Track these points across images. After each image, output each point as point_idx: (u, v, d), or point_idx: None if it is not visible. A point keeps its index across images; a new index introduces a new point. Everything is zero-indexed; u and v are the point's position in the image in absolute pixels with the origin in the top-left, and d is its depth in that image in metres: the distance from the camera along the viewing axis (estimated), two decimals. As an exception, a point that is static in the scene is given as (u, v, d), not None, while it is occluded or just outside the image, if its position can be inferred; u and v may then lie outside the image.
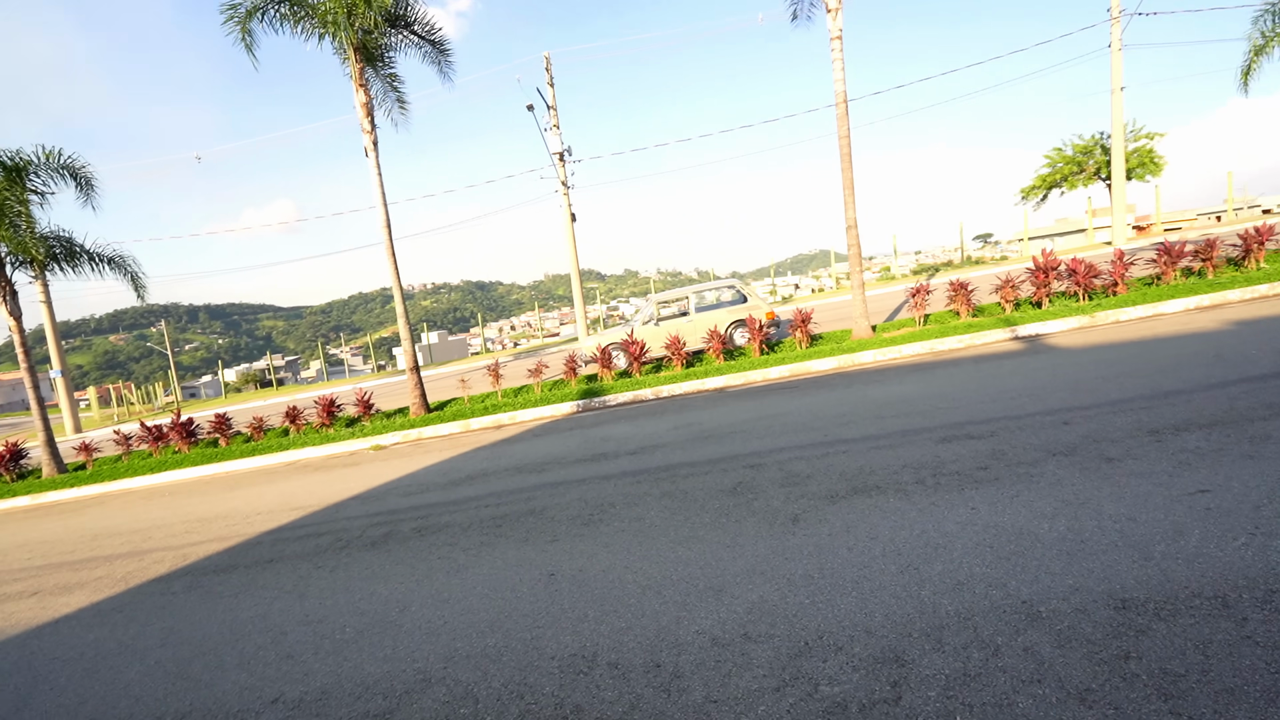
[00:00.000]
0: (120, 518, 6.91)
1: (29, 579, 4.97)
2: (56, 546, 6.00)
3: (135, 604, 3.93)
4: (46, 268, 10.47)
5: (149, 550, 5.18)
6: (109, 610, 3.90)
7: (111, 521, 6.78)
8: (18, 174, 9.84)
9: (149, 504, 7.48)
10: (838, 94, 9.21)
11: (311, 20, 9.55)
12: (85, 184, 10.63)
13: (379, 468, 7.07)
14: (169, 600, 3.88)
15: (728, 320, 10.72)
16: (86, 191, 10.71)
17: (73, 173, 10.48)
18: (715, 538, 3.28)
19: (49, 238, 10.27)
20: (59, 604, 4.19)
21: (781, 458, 4.50)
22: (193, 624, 3.42)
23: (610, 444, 6.09)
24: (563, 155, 20.66)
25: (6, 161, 9.79)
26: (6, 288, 10.30)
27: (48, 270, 10.63)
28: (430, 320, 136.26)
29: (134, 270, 11.21)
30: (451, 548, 3.87)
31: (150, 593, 4.09)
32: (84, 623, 3.77)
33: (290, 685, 2.57)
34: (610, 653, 2.38)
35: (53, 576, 4.91)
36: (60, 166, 10.31)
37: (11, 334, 10.65)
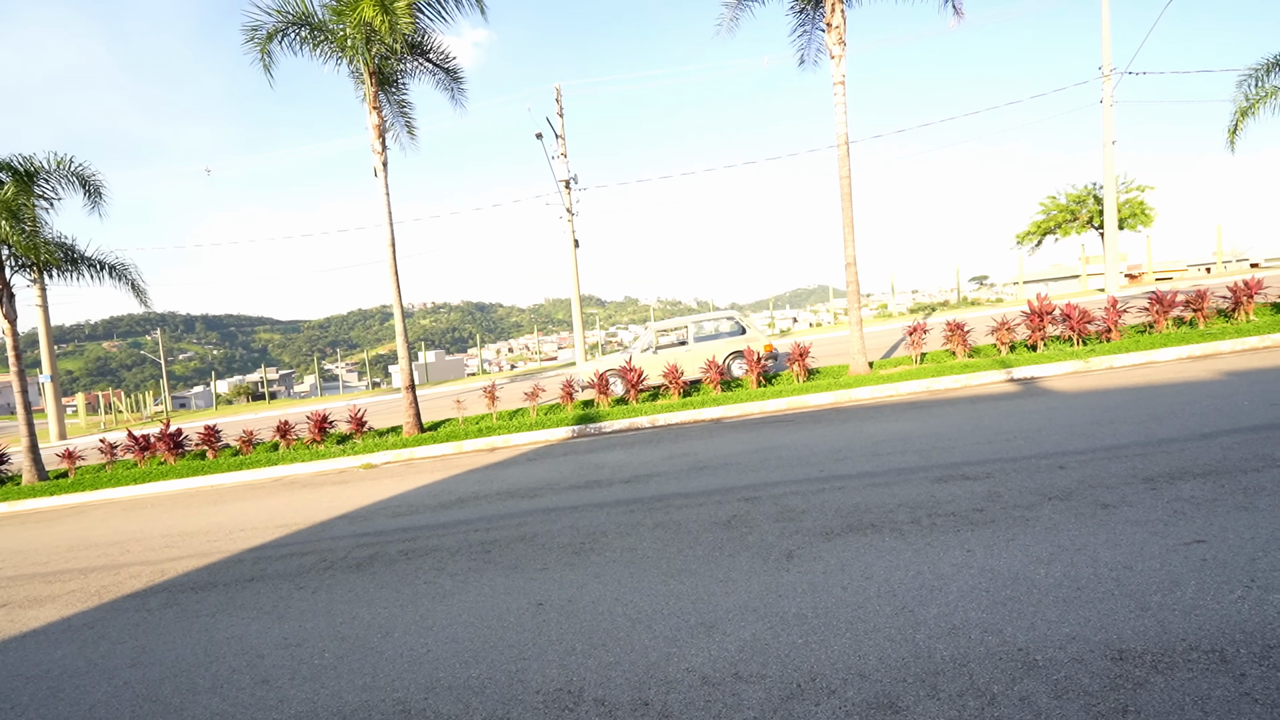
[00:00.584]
0: (99, 529, 6.75)
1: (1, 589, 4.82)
2: (30, 557, 5.85)
3: (108, 620, 3.81)
4: (46, 272, 10.48)
5: (126, 564, 5.05)
6: (80, 626, 3.78)
7: (90, 532, 6.62)
8: (28, 179, 9.95)
9: (130, 516, 7.32)
10: (839, 136, 9.48)
11: (330, 44, 9.84)
12: (94, 191, 10.75)
13: (369, 487, 6.97)
14: (144, 618, 3.76)
15: (726, 351, 10.77)
16: (95, 199, 10.83)
17: (83, 180, 10.61)
18: (708, 571, 3.23)
19: (51, 243, 10.32)
20: (27, 617, 4.06)
21: (776, 492, 4.47)
22: (166, 644, 3.32)
23: (605, 471, 6.03)
24: (568, 183, 21.06)
25: (18, 167, 9.90)
26: (5, 290, 10.29)
27: (47, 274, 10.66)
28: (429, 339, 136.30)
29: (135, 278, 11.24)
30: (438, 573, 3.79)
31: (124, 609, 3.98)
32: (52, 638, 3.65)
33: (263, 712, 2.48)
34: (597, 688, 2.31)
35: (23, 588, 4.77)
36: (70, 174, 10.44)
37: (4, 336, 10.60)
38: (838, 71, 9.36)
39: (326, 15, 9.69)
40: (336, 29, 9.70)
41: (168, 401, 33.81)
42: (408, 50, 10.25)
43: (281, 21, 9.56)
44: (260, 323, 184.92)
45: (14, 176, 9.88)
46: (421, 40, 10.38)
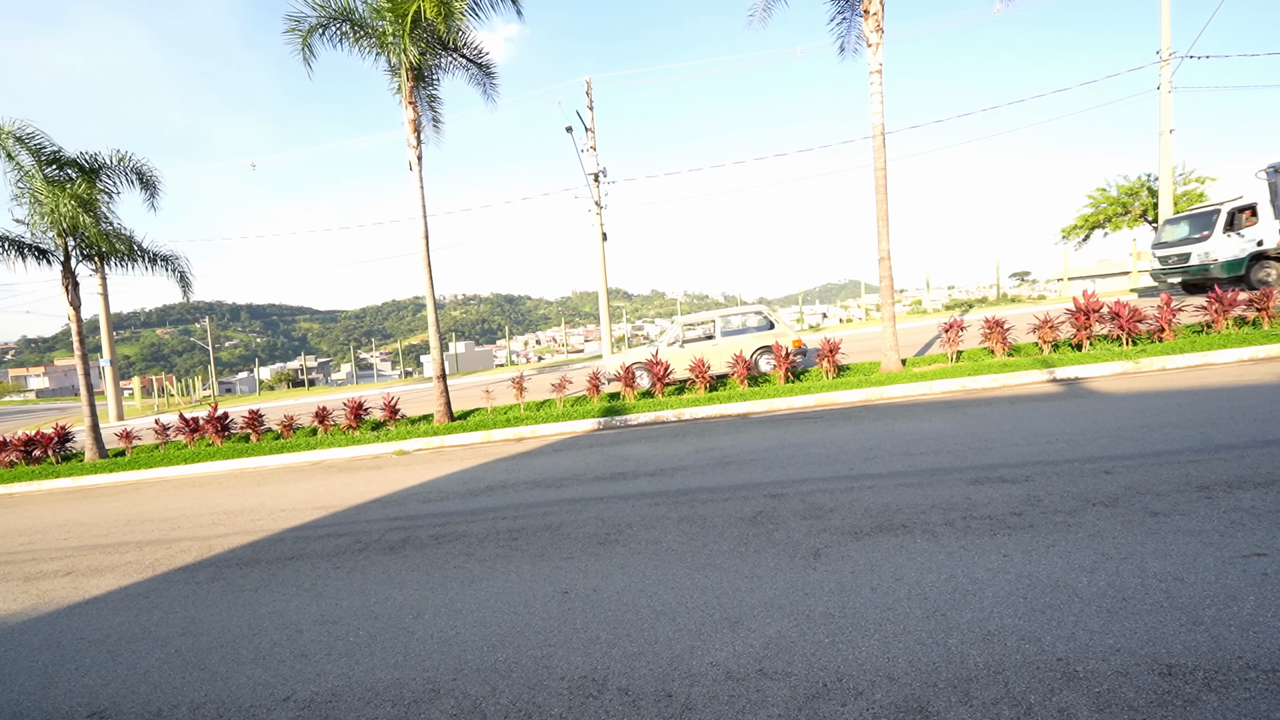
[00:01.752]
0: (153, 505, 7.13)
1: (64, 559, 5.14)
2: (91, 529, 6.22)
3: (160, 591, 4.03)
4: (106, 262, 11.06)
5: (177, 539, 5.33)
6: (136, 595, 4.01)
7: (144, 508, 7.00)
8: (93, 175, 10.50)
9: (181, 493, 7.71)
10: (875, 127, 9.22)
11: (370, 40, 10.05)
12: (151, 186, 11.27)
13: (401, 472, 7.17)
14: (193, 590, 3.96)
15: (753, 346, 10.65)
16: (151, 193, 11.36)
17: (140, 175, 11.13)
18: (733, 567, 3.22)
19: (112, 234, 10.88)
20: (90, 585, 4.32)
21: (804, 489, 4.41)
22: (213, 615, 3.49)
23: (630, 464, 6.06)
24: (597, 176, 21.09)
25: (84, 164, 10.46)
26: (70, 279, 10.90)
27: (107, 264, 11.25)
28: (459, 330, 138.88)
29: (183, 269, 11.77)
30: (467, 558, 3.87)
31: (175, 581, 4.20)
32: (112, 606, 3.87)
33: (302, 685, 2.59)
34: (621, 678, 2.33)
35: (86, 558, 5.08)
36: (130, 169, 10.97)
37: (70, 322, 11.25)
38: (874, 60, 9.09)
39: (367, 12, 9.89)
40: (377, 25, 9.90)
41: (215, 386, 35.43)
42: (443, 46, 10.39)
43: (323, 16, 9.80)
44: (300, 312, 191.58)
45: (82, 173, 10.44)
46: (457, 36, 10.50)
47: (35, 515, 7.49)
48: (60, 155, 10.41)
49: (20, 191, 10.27)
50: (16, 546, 5.83)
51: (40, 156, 10.24)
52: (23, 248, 10.54)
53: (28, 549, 5.67)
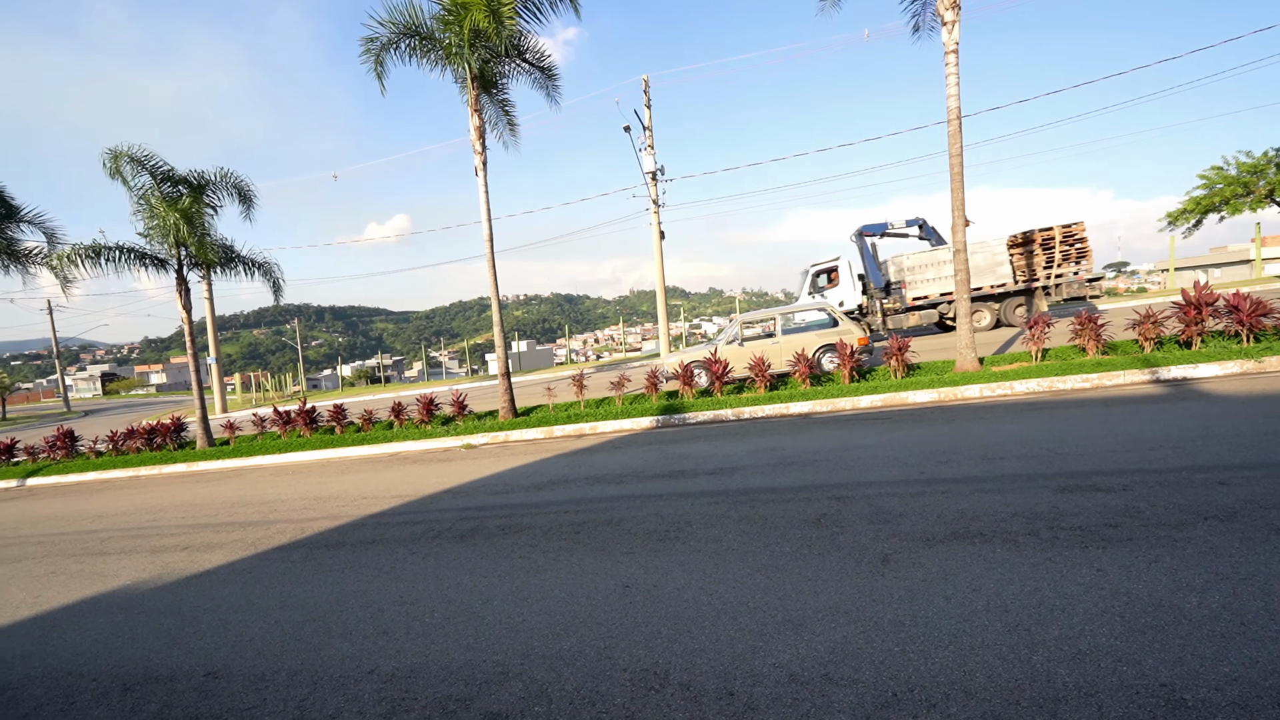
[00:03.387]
0: (253, 490, 7.84)
1: (182, 535, 5.76)
2: (204, 509, 6.92)
3: (261, 568, 4.43)
4: (212, 270, 12.25)
5: (274, 521, 5.84)
6: (241, 570, 4.43)
7: (246, 492, 7.71)
8: (200, 191, 11.66)
9: (276, 480, 8.43)
10: (950, 110, 8.71)
11: (437, 52, 10.55)
12: (247, 199, 12.38)
13: (469, 465, 7.51)
14: (288, 568, 4.34)
15: (816, 344, 10.35)
16: (248, 206, 12.47)
17: (239, 190, 12.25)
18: (796, 569, 3.15)
19: (216, 244, 12.03)
20: (203, 560, 4.82)
21: (870, 492, 4.25)
22: (306, 591, 3.80)
23: (689, 462, 6.05)
24: (655, 175, 21.13)
25: (193, 181, 11.63)
26: (183, 285, 12.16)
27: (212, 272, 12.46)
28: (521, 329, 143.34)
29: (275, 275, 12.85)
30: (532, 549, 4.01)
31: (273, 559, 4.60)
32: (221, 578, 4.31)
33: (384, 660, 2.78)
34: (682, 673, 2.35)
35: (199, 535, 5.67)
36: (230, 185, 12.09)
37: (182, 324, 12.55)
38: (949, 39, 8.58)
39: (434, 25, 10.40)
40: (442, 37, 10.39)
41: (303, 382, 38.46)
42: (506, 53, 10.75)
43: (393, 33, 10.38)
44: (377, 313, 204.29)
45: (190, 189, 11.63)
46: (519, 42, 10.83)
47: (158, 495, 8.43)
48: (172, 174, 11.62)
49: (140, 208, 11.56)
50: (144, 523, 6.59)
51: (156, 176, 11.47)
52: (144, 257, 11.85)
53: (152, 526, 6.39)
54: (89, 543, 5.96)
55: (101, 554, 5.44)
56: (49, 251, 13.47)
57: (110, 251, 11.50)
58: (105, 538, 6.09)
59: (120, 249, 11.54)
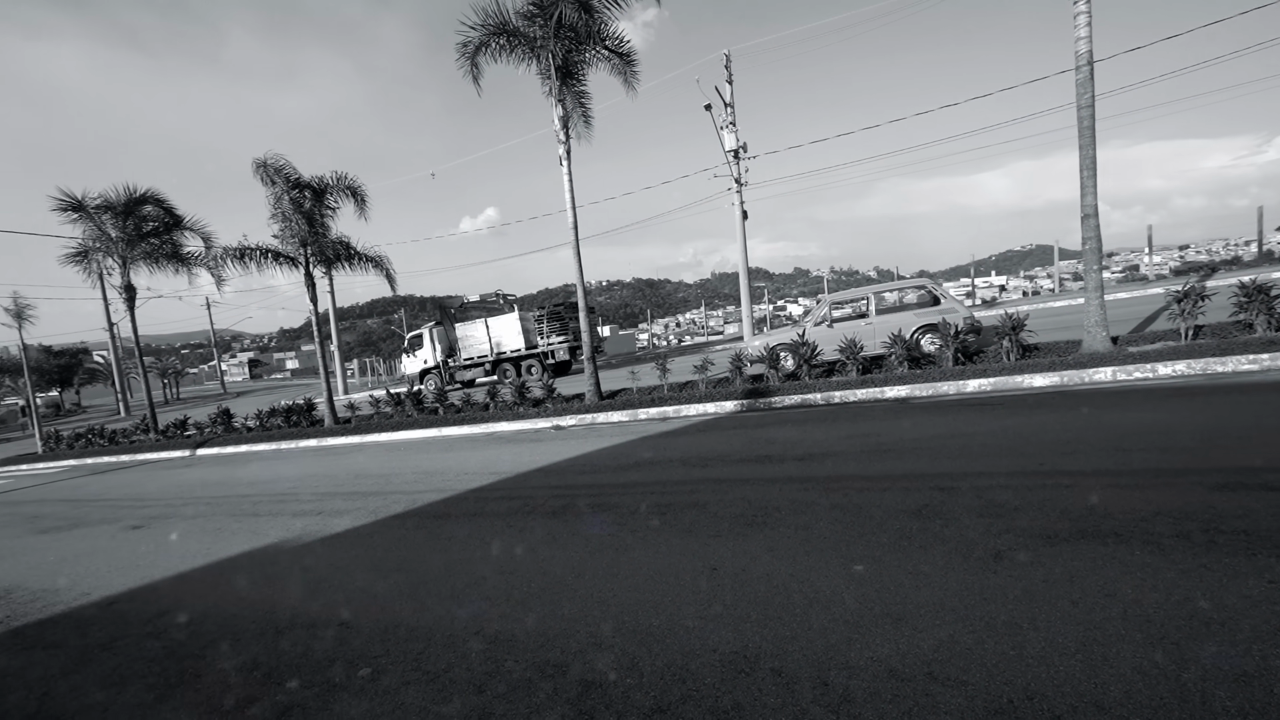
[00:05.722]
0: (371, 463, 8.71)
1: (316, 502, 6.53)
2: (332, 480, 7.80)
3: (381, 533, 4.93)
4: (333, 265, 13.59)
5: (390, 492, 6.45)
6: (365, 535, 4.95)
7: (366, 466, 8.58)
8: (321, 194, 12.93)
9: (390, 455, 9.30)
10: (1079, 55, 7.65)
11: (523, 47, 10.86)
12: (361, 200, 13.55)
13: (559, 446, 7.84)
14: (404, 535, 4.79)
15: (915, 324, 9.65)
16: (361, 205, 13.66)
17: (353, 192, 13.43)
18: (894, 561, 2.99)
19: (335, 242, 13.32)
20: (333, 524, 5.44)
21: (980, 483, 3.93)
22: (419, 557, 4.18)
23: (775, 447, 5.91)
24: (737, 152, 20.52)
25: (315, 185, 12.92)
26: (310, 280, 13.62)
27: (334, 267, 13.83)
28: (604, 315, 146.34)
29: (388, 268, 14.00)
30: (620, 527, 4.13)
31: (391, 526, 5.10)
32: (349, 541, 4.84)
33: (488, 623, 3.00)
34: (773, 659, 2.32)
35: (330, 503, 6.39)
36: (345, 187, 13.29)
37: (310, 316, 14.07)
38: (1082, -27, 7.49)
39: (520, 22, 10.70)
40: (528, 32, 10.67)
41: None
42: (588, 40, 10.85)
43: (485, 34, 10.81)
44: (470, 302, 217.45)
45: (312, 193, 12.93)
46: (600, 29, 10.89)
47: (295, 466, 9.60)
48: (300, 180, 12.96)
49: (275, 211, 13.02)
50: (286, 490, 7.54)
51: (287, 182, 12.86)
52: (278, 256, 13.38)
53: (292, 493, 7.30)
54: (244, 505, 6.92)
55: (254, 515, 6.30)
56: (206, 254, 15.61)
57: (251, 252, 13.12)
58: (257, 501, 7.05)
59: (259, 250, 13.13)
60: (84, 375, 49.44)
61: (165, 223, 15.97)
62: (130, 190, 15.24)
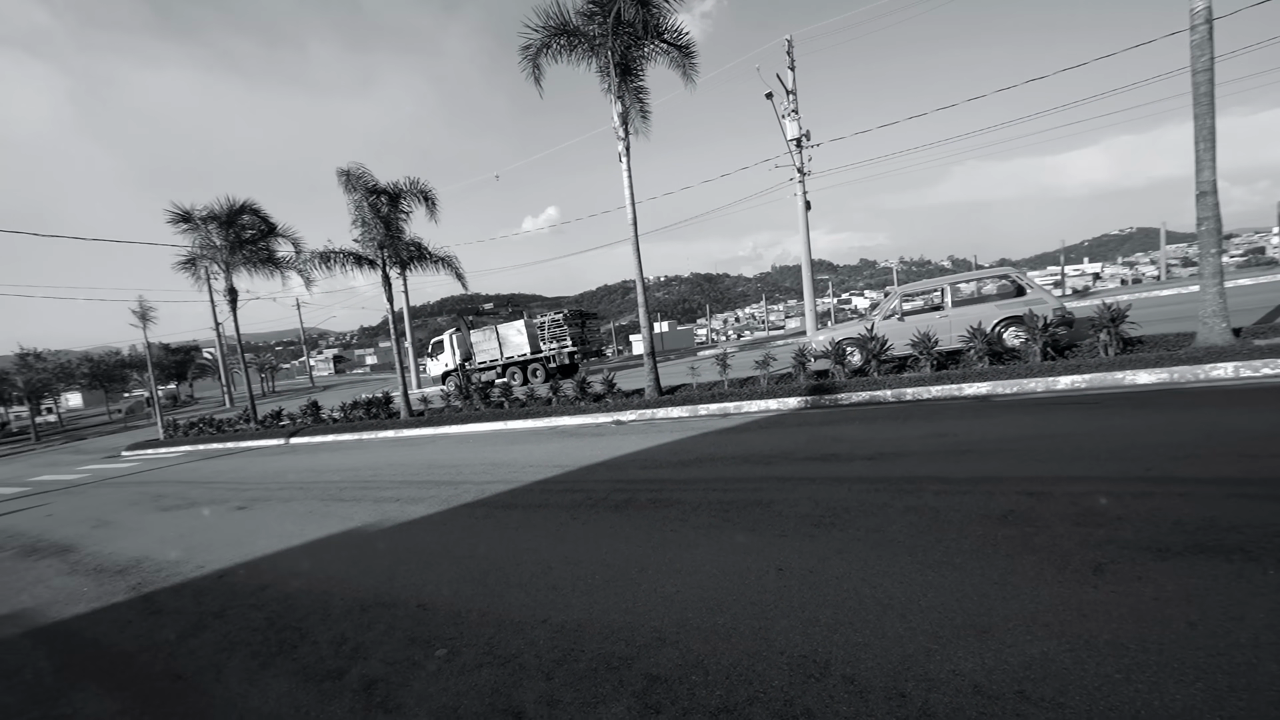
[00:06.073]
0: (444, 454, 9.15)
1: (394, 489, 6.95)
2: (408, 468, 8.26)
3: (452, 521, 5.17)
4: (408, 266, 14.35)
5: (460, 482, 6.75)
6: (438, 522, 5.21)
7: (438, 456, 9.03)
8: (396, 199, 13.68)
9: (460, 447, 9.73)
10: (1194, 14, 6.83)
11: (582, 46, 10.99)
12: (432, 203, 14.22)
13: (619, 440, 7.92)
14: (473, 523, 5.00)
15: (996, 316, 9.00)
16: (431, 209, 14.34)
17: (425, 196, 14.12)
18: (977, 569, 2.81)
19: (410, 244, 14.06)
20: (410, 511, 5.76)
21: (1075, 489, 3.61)
22: (488, 544, 4.35)
23: (843, 445, 5.70)
24: (800, 141, 19.86)
25: (390, 191, 13.68)
26: (386, 281, 14.46)
27: (408, 268, 14.61)
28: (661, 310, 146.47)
29: (458, 268, 14.63)
30: (682, 524, 4.11)
31: (461, 515, 5.34)
32: (423, 527, 5.11)
33: (555, 612, 3.07)
34: (845, 665, 2.24)
35: (406, 490, 6.77)
36: (418, 191, 13.99)
37: (387, 315, 14.95)
38: (1199, -80, 6.67)
39: (580, 21, 10.83)
40: (587, 30, 10.78)
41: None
42: (646, 34, 10.83)
43: (546, 35, 11.02)
44: (533, 299, 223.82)
45: (388, 198, 13.71)
46: (658, 23, 10.84)
47: (375, 455, 10.25)
48: (377, 186, 13.77)
49: (355, 217, 13.90)
50: (367, 477, 8.07)
51: (366, 189, 13.69)
52: (358, 259, 14.30)
53: (373, 480, 7.80)
54: (331, 490, 7.47)
55: (340, 500, 6.78)
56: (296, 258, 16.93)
57: (335, 255, 14.09)
58: (342, 487, 7.58)
59: (342, 253, 14.07)
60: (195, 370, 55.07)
61: (261, 230, 17.45)
62: (231, 202, 16.76)
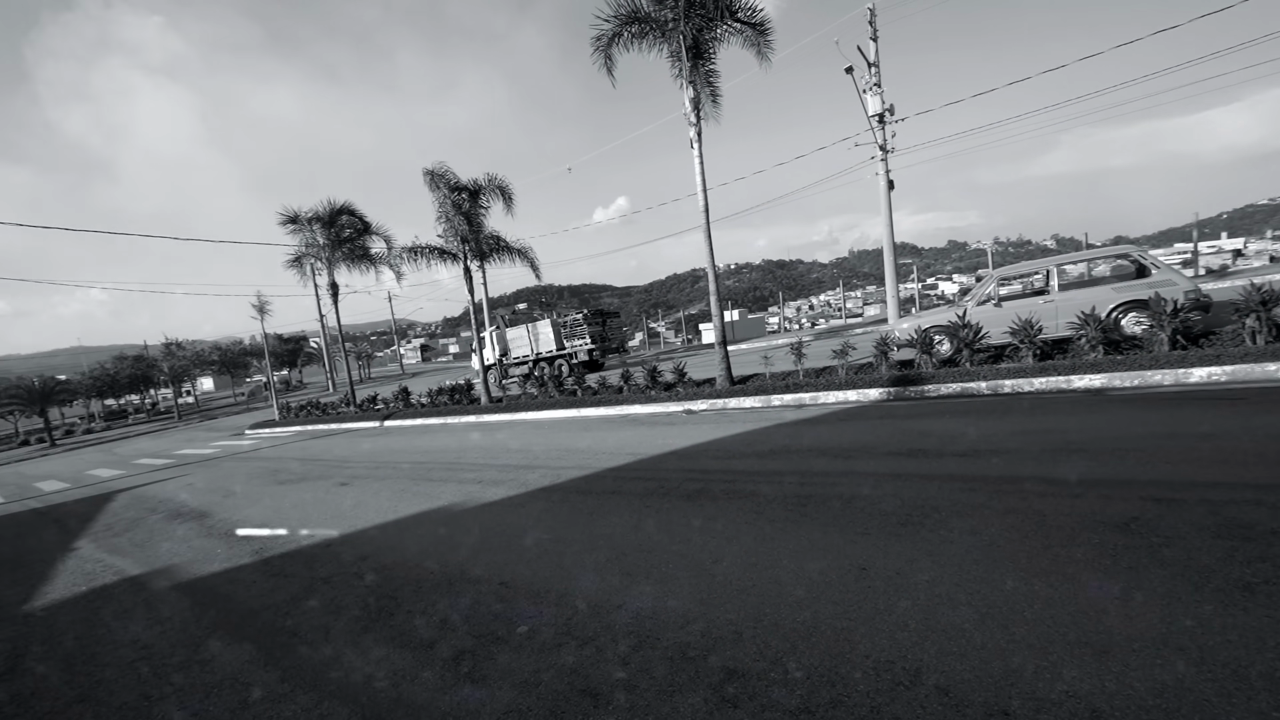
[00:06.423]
0: (520, 439, 9.54)
1: (475, 471, 7.33)
2: (488, 452, 8.68)
3: (529, 504, 5.37)
4: (487, 259, 14.99)
5: (536, 466, 7.01)
6: (517, 504, 5.44)
7: (515, 441, 9.42)
8: (476, 195, 14.29)
9: (535, 432, 10.10)
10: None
11: (654, 32, 10.88)
12: (508, 197, 14.74)
13: (690, 430, 7.88)
14: (549, 506, 5.17)
15: (1113, 300, 8.06)
16: (508, 203, 14.86)
17: (502, 191, 14.65)
18: (1093, 581, 2.54)
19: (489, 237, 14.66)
20: (490, 493, 6.05)
21: (1214, 496, 3.17)
22: (564, 527, 4.48)
23: (931, 440, 5.34)
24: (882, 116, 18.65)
25: (470, 187, 14.31)
26: (467, 273, 15.19)
27: (487, 261, 15.26)
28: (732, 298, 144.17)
29: (533, 259, 15.10)
30: (758, 516, 4.03)
31: (538, 498, 5.54)
32: (503, 509, 5.35)
33: (629, 598, 3.12)
34: (937, 675, 2.10)
35: (486, 473, 7.13)
36: (496, 187, 14.54)
37: (468, 306, 15.72)
38: None
39: (651, 6, 10.71)
40: (659, 15, 10.65)
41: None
42: (719, 16, 10.54)
43: (617, 24, 11.00)
44: (604, 289, 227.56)
45: (469, 194, 14.35)
46: (730, 2, 10.51)
47: (458, 439, 10.86)
48: (458, 183, 14.44)
49: (440, 213, 14.68)
50: (452, 459, 8.57)
51: (449, 186, 14.40)
52: (442, 253, 15.11)
53: (457, 462, 8.27)
54: (419, 471, 8.00)
55: (428, 480, 7.25)
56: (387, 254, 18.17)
57: (421, 250, 14.97)
58: (430, 468, 8.10)
59: (427, 248, 14.93)
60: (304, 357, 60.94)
61: (357, 229, 18.87)
62: (331, 203, 18.23)
